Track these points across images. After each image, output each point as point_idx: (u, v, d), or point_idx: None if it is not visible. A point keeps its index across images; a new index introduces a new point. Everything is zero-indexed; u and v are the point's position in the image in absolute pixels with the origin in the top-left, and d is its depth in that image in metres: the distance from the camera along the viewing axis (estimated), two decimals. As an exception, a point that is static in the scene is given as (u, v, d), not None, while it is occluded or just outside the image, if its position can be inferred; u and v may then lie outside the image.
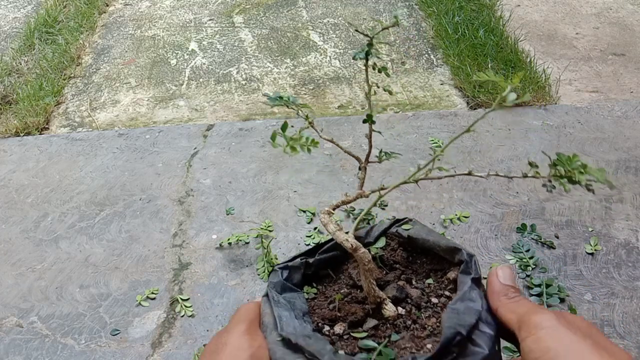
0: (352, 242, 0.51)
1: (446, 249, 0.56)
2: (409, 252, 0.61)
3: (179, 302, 1.39)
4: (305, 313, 0.52)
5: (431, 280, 0.57)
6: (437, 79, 2.26)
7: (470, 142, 1.87)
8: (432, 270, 0.58)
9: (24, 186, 1.79)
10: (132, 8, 2.94)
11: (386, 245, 0.61)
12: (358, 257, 0.51)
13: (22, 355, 1.30)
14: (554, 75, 2.19)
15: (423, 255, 0.60)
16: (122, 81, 2.36)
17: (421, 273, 0.58)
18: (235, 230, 1.58)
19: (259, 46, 2.54)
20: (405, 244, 0.61)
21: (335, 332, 0.51)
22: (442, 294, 0.55)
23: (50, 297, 1.43)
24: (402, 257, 0.60)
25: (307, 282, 0.58)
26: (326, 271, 0.59)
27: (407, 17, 2.70)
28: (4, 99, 2.22)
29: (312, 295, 0.56)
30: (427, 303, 0.54)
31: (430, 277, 0.57)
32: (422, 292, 0.55)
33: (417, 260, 0.60)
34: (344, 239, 0.51)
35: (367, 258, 0.51)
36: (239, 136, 1.96)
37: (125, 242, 1.57)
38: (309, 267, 0.58)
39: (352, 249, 0.51)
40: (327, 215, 0.53)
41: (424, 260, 0.59)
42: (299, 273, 0.57)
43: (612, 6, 2.72)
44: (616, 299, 1.37)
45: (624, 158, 1.79)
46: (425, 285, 0.56)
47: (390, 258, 0.60)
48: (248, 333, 0.48)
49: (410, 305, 0.54)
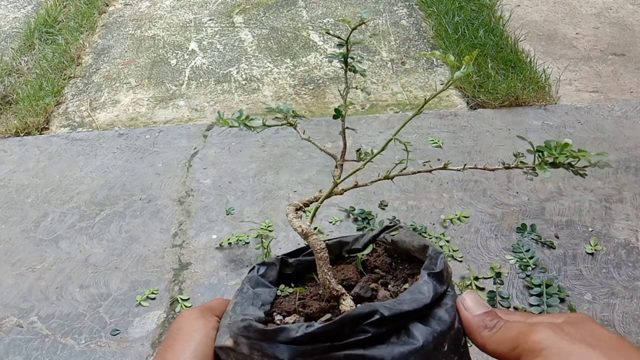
0: (304, 227, 0.50)
1: (418, 248, 0.55)
2: (394, 259, 0.60)
3: (179, 302, 1.39)
4: (265, 304, 0.52)
5: (407, 285, 0.55)
6: (437, 79, 2.26)
7: (470, 142, 1.87)
8: (410, 274, 0.57)
9: (24, 186, 1.79)
10: (132, 8, 2.94)
11: (373, 251, 0.61)
12: (310, 243, 0.51)
13: (22, 355, 1.30)
14: (554, 75, 2.19)
15: (407, 262, 0.59)
16: (122, 81, 2.36)
17: (400, 278, 0.57)
18: (235, 230, 1.58)
19: (259, 46, 2.54)
20: (390, 250, 0.60)
21: (285, 322, 0.51)
22: None
23: (50, 297, 1.43)
24: (384, 263, 0.59)
25: (285, 281, 0.58)
26: (310, 274, 0.58)
27: (407, 17, 2.70)
28: (4, 99, 2.22)
29: (286, 293, 0.56)
30: None
31: (408, 282, 0.56)
32: (392, 295, 0.53)
33: (399, 267, 0.59)
34: (298, 225, 0.51)
35: (320, 245, 0.50)
36: (239, 136, 1.96)
37: (125, 242, 1.57)
38: (287, 265, 0.57)
39: (304, 234, 0.50)
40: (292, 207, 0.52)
41: (406, 265, 0.58)
42: (275, 270, 0.56)
43: (612, 6, 2.72)
44: (616, 299, 1.37)
45: (624, 158, 1.79)
46: (401, 290, 0.55)
47: (373, 263, 0.59)
48: (201, 317, 0.48)
49: None
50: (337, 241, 0.60)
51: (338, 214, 1.61)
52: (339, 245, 0.60)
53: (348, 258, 0.61)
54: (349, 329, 0.41)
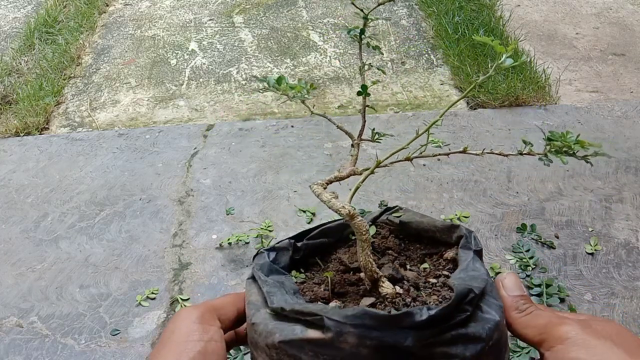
0: (349, 208, 0.47)
1: (443, 229, 0.54)
2: (401, 239, 0.58)
3: (179, 302, 1.39)
4: (296, 292, 0.47)
5: (427, 265, 0.53)
6: (437, 79, 2.26)
7: (470, 142, 1.87)
8: (426, 254, 0.55)
9: (24, 186, 1.79)
10: (132, 8, 2.94)
11: (376, 233, 0.58)
12: (355, 225, 0.48)
13: (22, 355, 1.30)
14: (554, 75, 2.19)
15: (416, 241, 0.57)
16: (122, 81, 2.36)
17: (415, 259, 0.55)
18: (235, 230, 1.58)
19: (259, 46, 2.54)
20: (397, 231, 0.58)
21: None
22: (440, 274, 0.51)
23: (50, 297, 1.43)
24: (394, 244, 0.56)
25: (294, 267, 0.54)
26: (314, 259, 0.55)
27: (407, 17, 2.70)
28: (4, 99, 2.22)
29: (300, 280, 0.52)
30: (425, 283, 0.50)
31: (426, 262, 0.54)
32: (418, 274, 0.52)
33: (410, 247, 0.57)
34: (340, 206, 0.47)
35: (365, 227, 0.48)
36: (239, 136, 1.96)
37: (125, 242, 1.57)
38: (297, 251, 0.54)
39: (350, 216, 0.47)
40: (319, 186, 0.49)
41: (418, 246, 0.56)
42: (287, 255, 0.52)
43: (612, 6, 2.72)
44: (616, 299, 1.37)
45: (624, 158, 1.79)
46: (420, 270, 0.53)
47: (382, 245, 0.56)
48: (201, 321, 0.42)
49: (408, 285, 0.50)
50: (341, 223, 0.57)
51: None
52: (342, 227, 0.57)
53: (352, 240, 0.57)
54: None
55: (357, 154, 0.54)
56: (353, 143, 0.55)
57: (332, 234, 0.56)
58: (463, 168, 1.76)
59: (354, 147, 0.55)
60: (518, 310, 0.45)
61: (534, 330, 0.43)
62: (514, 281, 0.47)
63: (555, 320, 0.42)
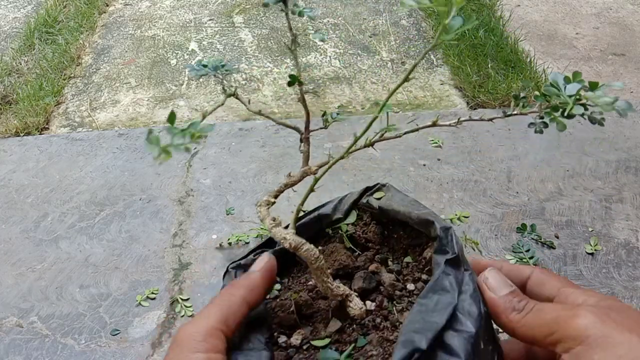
0: (292, 239, 0.43)
1: (419, 222, 0.47)
2: (384, 226, 0.52)
3: (179, 302, 1.39)
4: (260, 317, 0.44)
5: (409, 259, 0.49)
6: (437, 79, 2.26)
7: (470, 142, 1.87)
8: (409, 246, 0.50)
9: (24, 186, 1.79)
10: (132, 8, 2.94)
11: (358, 219, 0.52)
12: (302, 256, 0.43)
13: (22, 355, 1.30)
14: (554, 75, 2.18)
15: (400, 228, 0.51)
16: (122, 81, 2.36)
17: (398, 250, 0.50)
18: (235, 230, 1.58)
19: (259, 46, 2.54)
20: (378, 216, 0.52)
21: (292, 344, 0.43)
22: (419, 278, 0.47)
23: (50, 297, 1.43)
24: (375, 234, 0.51)
25: None
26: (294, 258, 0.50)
27: (407, 17, 2.70)
28: (4, 99, 2.22)
29: (274, 293, 0.48)
30: (401, 291, 0.46)
31: (409, 255, 0.49)
32: (397, 276, 0.47)
33: (393, 235, 0.51)
34: (282, 236, 0.43)
35: (314, 255, 0.43)
36: (239, 136, 1.96)
37: (125, 242, 1.57)
38: None
39: (293, 248, 0.43)
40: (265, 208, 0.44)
41: (401, 234, 0.51)
42: None
43: (612, 6, 2.72)
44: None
45: (624, 158, 1.79)
46: (403, 265, 0.49)
47: (363, 236, 0.51)
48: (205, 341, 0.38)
49: (382, 296, 0.46)
50: (316, 216, 0.52)
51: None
52: (318, 220, 0.52)
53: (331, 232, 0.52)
54: None
55: (307, 150, 0.49)
56: (301, 138, 0.49)
57: (308, 231, 0.50)
58: (463, 168, 1.76)
59: (302, 142, 0.49)
60: (515, 310, 0.39)
61: (543, 330, 0.36)
62: (499, 278, 0.42)
63: (566, 314, 0.36)
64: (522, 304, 0.39)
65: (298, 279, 0.50)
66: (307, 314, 0.45)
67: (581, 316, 0.35)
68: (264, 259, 0.44)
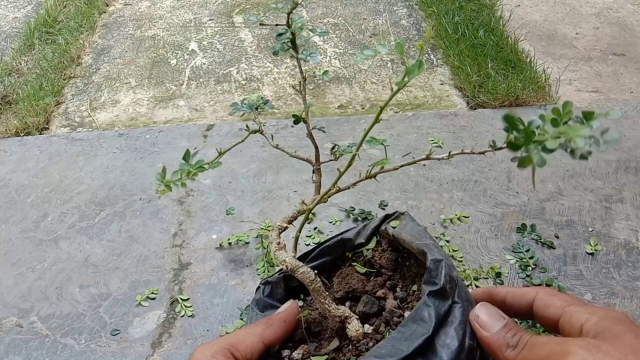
0: (290, 262, 0.47)
1: (418, 252, 0.50)
2: (399, 253, 0.56)
3: (179, 302, 1.39)
4: None
5: (416, 287, 0.52)
6: (437, 79, 2.26)
7: (470, 142, 1.87)
8: (417, 274, 0.53)
9: (24, 186, 1.79)
10: (132, 8, 2.94)
11: (377, 245, 0.57)
12: (299, 278, 0.47)
13: (22, 355, 1.30)
14: (554, 75, 2.19)
15: (412, 256, 0.54)
16: (122, 81, 2.36)
17: (408, 278, 0.53)
18: (235, 230, 1.58)
19: (259, 46, 2.54)
20: (395, 243, 0.56)
21: (293, 358, 0.47)
22: None
23: (50, 297, 1.43)
24: (390, 260, 0.55)
25: (294, 293, 0.54)
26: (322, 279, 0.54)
27: (407, 17, 2.70)
28: (4, 99, 2.22)
29: None
30: (399, 317, 0.49)
31: (416, 283, 0.52)
32: (400, 303, 0.50)
33: (405, 263, 0.55)
34: (282, 259, 0.48)
35: (309, 278, 0.47)
36: (239, 136, 1.96)
37: (125, 242, 1.57)
38: (291, 279, 0.54)
39: (291, 270, 0.47)
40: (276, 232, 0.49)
41: (413, 262, 0.54)
42: (280, 288, 0.53)
43: (612, 6, 2.72)
44: (616, 298, 1.37)
45: (624, 158, 1.79)
46: (409, 293, 0.52)
47: (379, 261, 0.55)
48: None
49: (380, 321, 0.49)
50: (339, 239, 0.57)
51: (338, 213, 1.61)
52: (341, 243, 0.57)
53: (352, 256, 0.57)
54: None
55: (319, 180, 0.54)
56: (314, 169, 0.54)
57: (332, 252, 0.55)
58: (463, 168, 1.76)
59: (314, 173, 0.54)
60: (510, 347, 0.39)
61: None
62: (489, 313, 0.42)
63: (558, 349, 0.36)
64: (516, 339, 0.39)
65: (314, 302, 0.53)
66: (316, 331, 0.49)
67: (572, 353, 0.35)
68: (287, 304, 0.48)
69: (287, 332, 0.47)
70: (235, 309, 1.37)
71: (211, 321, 1.35)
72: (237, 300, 1.39)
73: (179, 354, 1.28)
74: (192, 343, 1.30)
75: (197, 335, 1.32)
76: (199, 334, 1.32)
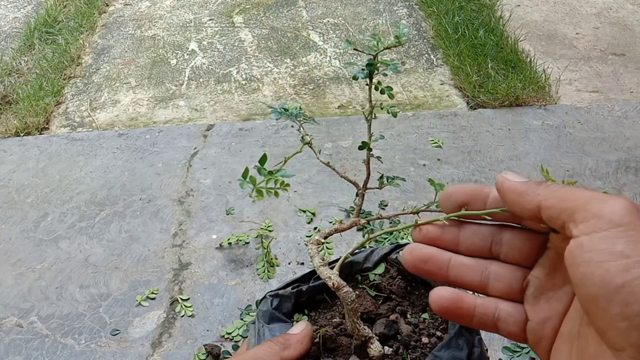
0: (335, 280, 0.48)
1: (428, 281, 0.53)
2: (408, 282, 0.57)
3: (179, 302, 1.39)
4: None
5: (427, 315, 0.54)
6: (437, 79, 2.26)
7: (470, 142, 1.87)
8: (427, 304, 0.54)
9: (24, 186, 1.79)
10: (132, 8, 2.94)
11: (385, 272, 0.58)
12: (341, 296, 0.49)
13: (22, 355, 1.30)
14: (554, 75, 2.19)
15: (422, 286, 0.56)
16: (122, 81, 2.36)
17: (418, 305, 0.55)
18: (235, 230, 1.58)
19: (259, 46, 2.54)
20: (404, 272, 0.58)
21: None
22: (433, 334, 0.52)
23: (50, 297, 1.43)
24: (399, 287, 0.56)
25: (299, 308, 0.55)
26: (322, 296, 0.56)
27: (407, 17, 2.70)
28: (4, 99, 2.22)
29: None
30: (416, 342, 0.51)
31: (427, 311, 0.54)
32: (414, 328, 0.52)
33: (415, 291, 0.57)
34: (327, 276, 0.49)
35: (351, 297, 0.49)
36: (239, 136, 1.96)
37: (125, 242, 1.57)
38: (301, 295, 0.55)
39: (335, 288, 0.48)
40: (315, 246, 0.51)
41: (422, 291, 0.56)
42: (290, 302, 0.54)
43: (612, 6, 2.72)
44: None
45: (624, 158, 1.79)
46: (420, 320, 0.53)
47: (387, 287, 0.57)
48: None
49: (399, 343, 0.51)
50: (349, 262, 0.58)
51: (338, 213, 1.61)
52: (349, 265, 0.58)
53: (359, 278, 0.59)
54: None
55: (361, 204, 0.55)
56: (358, 192, 0.56)
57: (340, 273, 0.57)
58: (463, 168, 1.76)
59: (358, 196, 0.56)
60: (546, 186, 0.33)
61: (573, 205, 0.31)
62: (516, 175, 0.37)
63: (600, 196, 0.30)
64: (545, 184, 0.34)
65: (324, 315, 0.55)
66: (331, 348, 0.51)
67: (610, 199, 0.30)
68: (302, 325, 0.49)
69: (303, 354, 0.48)
70: (235, 309, 1.37)
71: (211, 321, 1.35)
72: (237, 300, 1.39)
73: (179, 354, 1.28)
74: (192, 343, 1.30)
75: (197, 335, 1.32)
76: (199, 333, 1.32)
